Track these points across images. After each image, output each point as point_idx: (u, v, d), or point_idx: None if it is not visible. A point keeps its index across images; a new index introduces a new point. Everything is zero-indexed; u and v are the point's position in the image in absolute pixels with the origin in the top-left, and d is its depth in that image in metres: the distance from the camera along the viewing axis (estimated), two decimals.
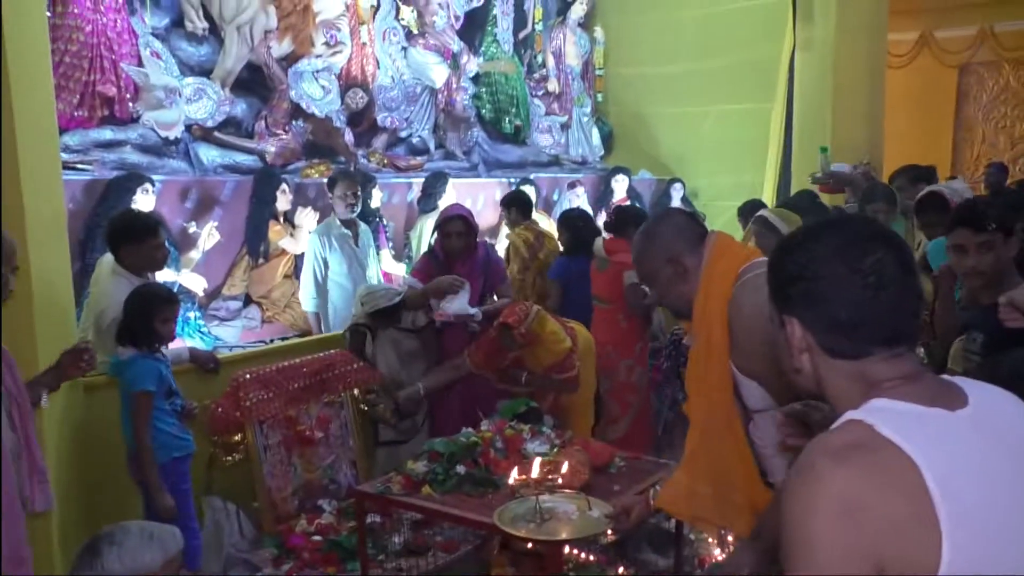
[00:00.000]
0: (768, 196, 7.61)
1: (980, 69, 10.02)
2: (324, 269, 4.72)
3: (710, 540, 3.39)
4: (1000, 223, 2.47)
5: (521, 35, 8.21)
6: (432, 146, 7.13)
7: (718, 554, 3.21)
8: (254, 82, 5.86)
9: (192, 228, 4.79)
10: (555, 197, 7.65)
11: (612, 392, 4.50)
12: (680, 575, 3.01)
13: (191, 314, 4.62)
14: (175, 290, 3.91)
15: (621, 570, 3.17)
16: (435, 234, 4.07)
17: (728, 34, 8.21)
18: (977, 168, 9.81)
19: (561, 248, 5.00)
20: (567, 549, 2.81)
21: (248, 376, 3.32)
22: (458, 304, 3.75)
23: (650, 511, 2.18)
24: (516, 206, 5.49)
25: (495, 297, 4.10)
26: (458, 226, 3.88)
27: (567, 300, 4.64)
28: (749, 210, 5.28)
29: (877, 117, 7.69)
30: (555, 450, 2.75)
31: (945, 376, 1.15)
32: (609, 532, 2.52)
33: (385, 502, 2.66)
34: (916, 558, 0.94)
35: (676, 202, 7.92)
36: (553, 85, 8.48)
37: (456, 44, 7.24)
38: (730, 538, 3.38)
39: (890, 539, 0.95)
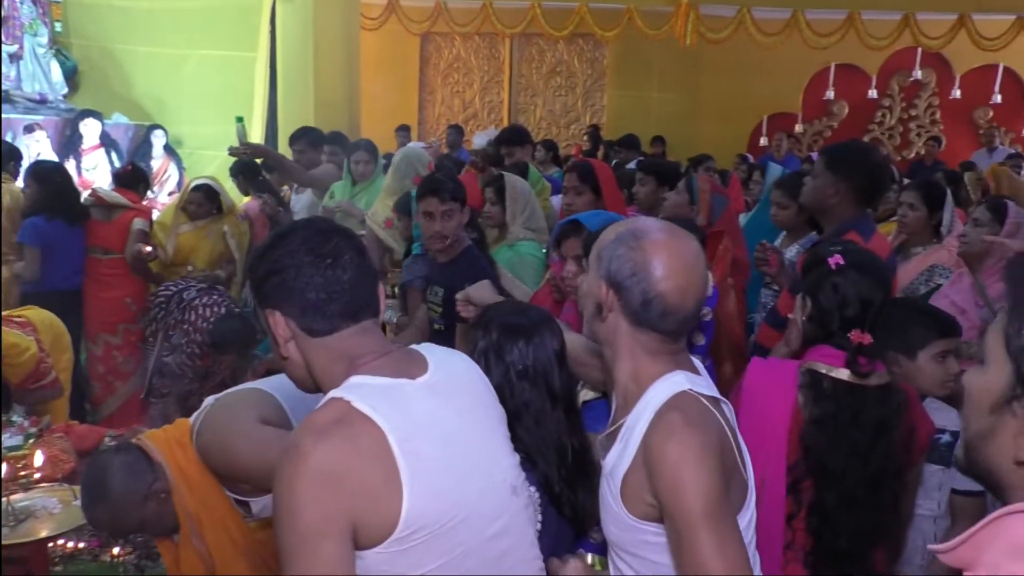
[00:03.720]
0: None
1: (438, 39, 11.33)
2: None
3: None
4: (457, 194, 2.88)
5: None
6: None
7: None
8: None
9: None
10: (8, 140, 6.56)
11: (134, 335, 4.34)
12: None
13: None
14: None
15: (118, 550, 3.01)
16: None
17: None
18: (438, 127, 11.17)
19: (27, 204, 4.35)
20: (53, 543, 2.58)
21: None
22: None
23: None
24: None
25: None
26: None
27: (50, 265, 4.13)
28: (238, 170, 5.26)
29: (354, 75, 8.22)
30: (31, 441, 2.48)
31: (412, 347, 1.36)
32: None
33: None
34: (383, 510, 1.14)
35: (158, 151, 7.45)
36: None
37: None
38: None
39: (363, 500, 1.13)
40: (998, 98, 10.15)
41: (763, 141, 10.04)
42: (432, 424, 1.22)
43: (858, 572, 1.83)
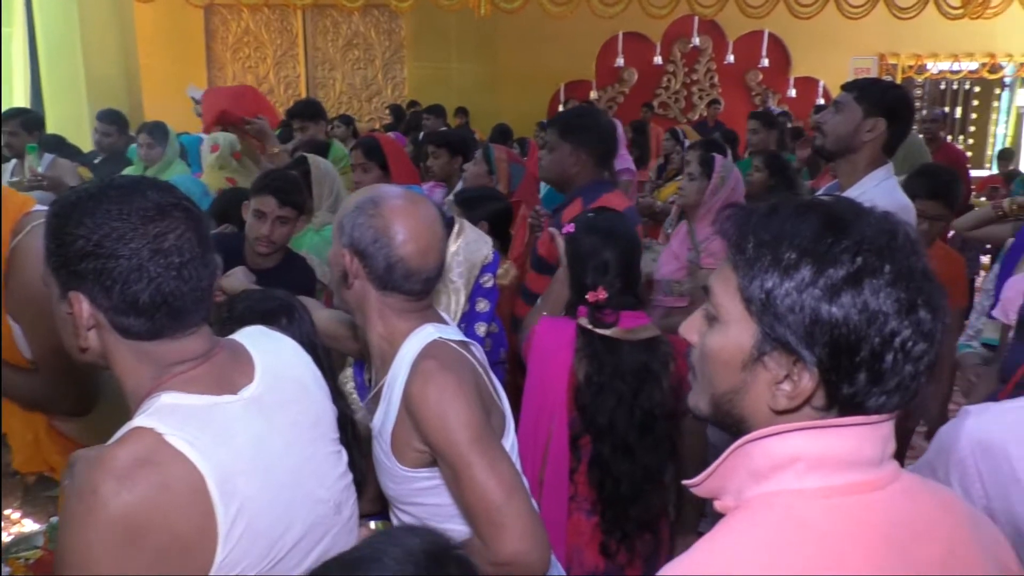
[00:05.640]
0: None
1: (223, 11, 10.70)
2: None
3: None
4: (298, 201, 2.64)
5: None
6: None
7: None
8: None
9: None
10: None
11: None
12: None
13: None
14: None
15: None
16: None
17: None
18: None
19: None
20: None
21: None
22: None
23: None
24: None
25: None
26: None
27: None
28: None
29: (130, 50, 7.63)
30: None
31: (236, 337, 1.21)
32: None
33: None
34: (193, 563, 1.00)
35: None
36: None
37: None
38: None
39: (170, 555, 0.98)
40: (766, 62, 11.09)
41: (561, 108, 10.37)
42: (256, 453, 1.08)
43: (642, 514, 1.99)
